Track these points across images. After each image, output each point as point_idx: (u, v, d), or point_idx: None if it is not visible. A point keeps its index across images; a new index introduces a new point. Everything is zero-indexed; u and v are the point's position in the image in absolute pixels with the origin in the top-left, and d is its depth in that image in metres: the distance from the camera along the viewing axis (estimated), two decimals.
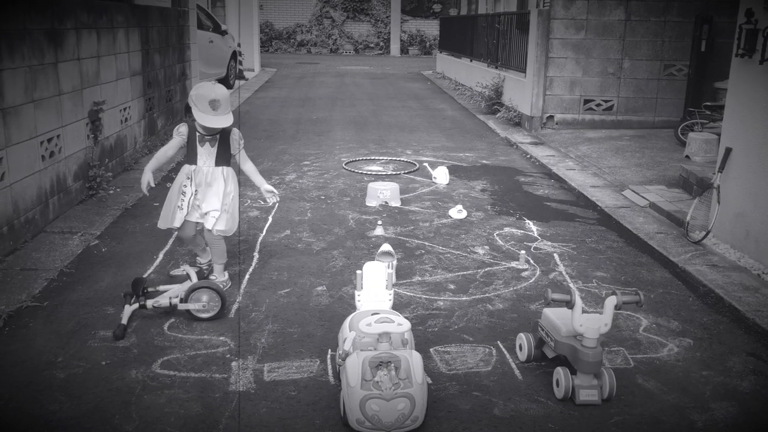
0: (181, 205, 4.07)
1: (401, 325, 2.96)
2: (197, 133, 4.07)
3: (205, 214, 4.10)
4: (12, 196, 4.68)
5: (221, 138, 4.10)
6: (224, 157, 4.13)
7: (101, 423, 2.84)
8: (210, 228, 4.10)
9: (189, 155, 4.12)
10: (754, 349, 3.64)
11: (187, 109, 4.03)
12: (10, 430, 2.79)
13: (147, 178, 4.07)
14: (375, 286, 3.39)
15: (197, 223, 4.17)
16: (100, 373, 3.22)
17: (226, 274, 4.30)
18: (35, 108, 5.02)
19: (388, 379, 2.75)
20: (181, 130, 4.11)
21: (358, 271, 3.43)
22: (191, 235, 4.23)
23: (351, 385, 2.75)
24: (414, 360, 2.84)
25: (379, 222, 5.45)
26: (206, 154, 4.09)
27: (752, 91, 4.85)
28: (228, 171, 4.16)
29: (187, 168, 4.11)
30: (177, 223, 4.09)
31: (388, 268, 3.54)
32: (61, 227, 5.19)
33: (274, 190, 4.29)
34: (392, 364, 2.78)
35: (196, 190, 4.08)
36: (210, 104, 3.90)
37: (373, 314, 3.06)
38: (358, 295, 3.41)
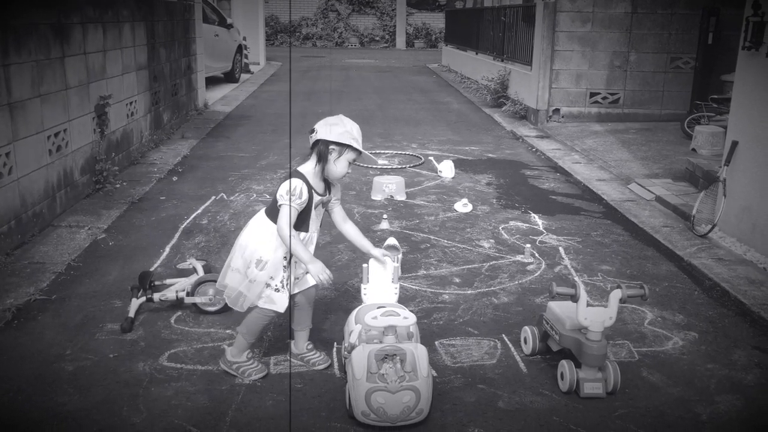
0: (280, 287, 3.10)
1: (407, 318, 2.98)
2: (314, 193, 3.06)
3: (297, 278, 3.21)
4: (20, 190, 4.71)
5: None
6: None
7: (109, 415, 2.87)
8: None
9: (296, 222, 3.03)
10: (760, 343, 3.64)
11: (321, 158, 3.02)
12: (20, 422, 2.83)
13: (321, 269, 2.97)
14: (380, 279, 3.41)
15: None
16: (108, 365, 3.25)
17: None
18: (42, 102, 5.04)
19: (393, 372, 2.76)
20: (300, 193, 2.97)
21: (364, 265, 3.44)
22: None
23: (357, 378, 2.77)
24: (419, 353, 2.86)
25: (385, 216, 5.46)
26: (317, 218, 3.14)
27: (759, 84, 4.83)
28: None
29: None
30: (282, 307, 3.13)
31: (394, 261, 3.55)
32: (68, 221, 5.22)
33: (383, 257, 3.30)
34: (398, 357, 2.80)
35: (295, 262, 3.13)
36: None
37: (378, 307, 3.07)
38: (364, 289, 3.42)
